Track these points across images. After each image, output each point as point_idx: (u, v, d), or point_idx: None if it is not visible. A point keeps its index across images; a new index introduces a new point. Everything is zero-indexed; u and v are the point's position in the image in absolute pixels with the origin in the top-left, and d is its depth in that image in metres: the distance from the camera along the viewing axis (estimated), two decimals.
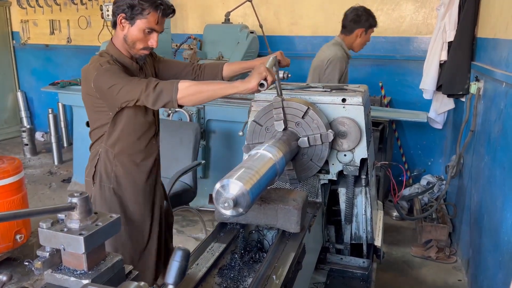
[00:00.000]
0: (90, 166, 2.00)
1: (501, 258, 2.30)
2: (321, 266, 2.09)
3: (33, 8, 6.28)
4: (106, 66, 1.76)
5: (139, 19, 1.78)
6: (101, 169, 1.95)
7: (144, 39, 1.82)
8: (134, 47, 1.84)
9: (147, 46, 1.84)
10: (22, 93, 6.70)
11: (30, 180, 4.91)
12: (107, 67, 1.76)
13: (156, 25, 1.81)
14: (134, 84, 1.72)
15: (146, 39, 1.82)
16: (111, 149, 1.93)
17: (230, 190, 1.21)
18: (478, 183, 2.91)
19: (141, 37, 1.81)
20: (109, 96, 1.77)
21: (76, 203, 0.90)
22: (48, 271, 0.92)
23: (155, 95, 1.69)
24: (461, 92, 3.41)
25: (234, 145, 3.85)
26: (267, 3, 4.90)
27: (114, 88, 1.73)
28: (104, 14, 4.04)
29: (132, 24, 1.79)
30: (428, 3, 4.30)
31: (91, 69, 1.79)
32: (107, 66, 1.76)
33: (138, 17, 1.78)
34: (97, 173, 1.96)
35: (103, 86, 1.75)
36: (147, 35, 1.81)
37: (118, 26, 1.84)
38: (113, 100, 1.78)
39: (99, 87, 1.76)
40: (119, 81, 1.73)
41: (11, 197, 3.00)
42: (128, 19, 1.79)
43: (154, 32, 1.82)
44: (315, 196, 1.99)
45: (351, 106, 1.86)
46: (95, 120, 1.93)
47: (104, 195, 1.96)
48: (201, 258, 1.49)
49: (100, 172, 1.95)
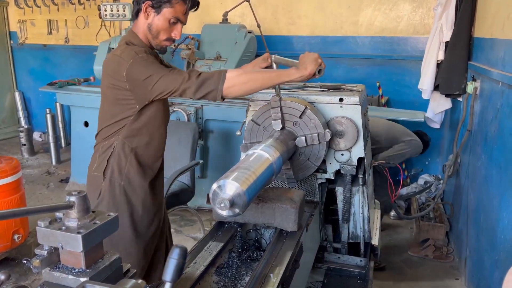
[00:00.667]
0: (100, 160, 1.87)
1: (498, 257, 2.31)
2: (319, 265, 2.10)
3: (31, 8, 6.28)
4: (143, 55, 1.69)
5: (166, 8, 1.73)
6: (113, 164, 1.84)
7: (169, 29, 1.77)
8: (158, 37, 1.78)
9: (170, 37, 1.80)
10: (20, 93, 6.70)
11: (28, 180, 4.91)
12: (143, 56, 1.68)
13: (183, 15, 1.77)
14: (175, 74, 1.66)
15: (170, 30, 1.78)
16: (128, 143, 1.83)
17: (227, 191, 1.21)
18: (475, 182, 2.92)
19: (166, 27, 1.76)
20: (142, 87, 1.68)
21: (74, 201, 0.91)
22: (46, 269, 0.92)
23: (198, 83, 1.63)
24: (458, 91, 3.42)
25: (232, 144, 3.85)
26: (265, 3, 4.91)
27: (151, 79, 1.66)
28: (102, 14, 4.04)
29: (158, 12, 1.74)
30: (425, 3, 4.32)
31: (125, 57, 1.69)
32: (144, 55, 1.69)
33: (166, 6, 1.73)
34: (109, 167, 1.85)
35: (139, 77, 1.67)
36: (171, 26, 1.77)
37: (142, 14, 1.77)
38: (146, 92, 1.70)
39: (133, 77, 1.68)
40: (158, 72, 1.66)
41: (9, 197, 3.00)
42: (155, 7, 1.73)
43: (179, 23, 1.78)
44: (312, 195, 2.00)
45: (348, 105, 1.87)
46: (115, 113, 1.82)
47: (113, 192, 1.86)
48: (199, 256, 1.50)
49: (112, 167, 1.85)
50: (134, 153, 1.85)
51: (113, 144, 1.85)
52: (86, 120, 4.33)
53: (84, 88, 4.44)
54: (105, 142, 1.88)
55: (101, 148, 1.89)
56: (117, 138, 1.84)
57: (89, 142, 4.35)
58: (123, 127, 1.82)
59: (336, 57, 4.74)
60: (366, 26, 4.58)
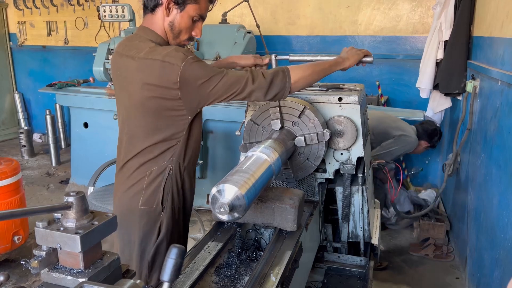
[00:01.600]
0: (151, 190, 1.62)
1: (498, 256, 2.31)
2: (319, 264, 2.10)
3: (30, 10, 6.28)
4: (193, 55, 1.49)
5: (190, 4, 1.56)
6: (172, 191, 1.64)
7: (191, 27, 1.61)
8: (179, 36, 1.61)
9: (191, 36, 1.64)
10: (20, 94, 6.70)
11: (28, 181, 4.91)
12: (194, 57, 1.49)
13: (206, 12, 1.64)
14: (234, 75, 1.51)
15: (191, 28, 1.62)
16: (182, 162, 1.64)
17: (226, 195, 1.21)
18: (474, 181, 2.92)
19: (189, 25, 1.60)
20: (197, 92, 1.49)
21: (72, 202, 0.91)
22: (44, 270, 0.92)
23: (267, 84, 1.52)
24: (457, 90, 3.42)
25: (232, 144, 3.85)
26: (264, 3, 4.91)
27: (210, 82, 1.48)
28: (101, 15, 4.04)
29: (182, 9, 1.56)
30: (424, 2, 4.32)
31: (172, 60, 1.46)
32: (194, 56, 1.49)
33: (190, 2, 1.56)
34: (167, 196, 1.62)
35: (195, 81, 1.47)
36: (193, 24, 1.62)
37: (162, 11, 1.57)
38: (201, 98, 1.51)
39: (189, 82, 1.47)
40: (217, 73, 1.49)
41: (9, 199, 3.00)
42: (179, 3, 1.55)
43: (201, 21, 1.63)
44: (312, 195, 1.99)
45: (348, 105, 1.87)
46: (161, 128, 1.58)
47: (175, 219, 1.67)
48: (198, 257, 1.50)
49: (172, 195, 1.64)
50: (187, 172, 1.67)
51: (166, 168, 1.61)
52: (86, 121, 4.34)
53: (84, 89, 4.44)
54: (154, 167, 1.61)
55: (149, 175, 1.62)
56: (171, 161, 1.61)
57: (89, 143, 4.39)
58: (175, 145, 1.60)
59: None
60: (365, 25, 4.58)
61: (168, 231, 1.65)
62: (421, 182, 4.58)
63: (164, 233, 1.64)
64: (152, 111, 1.55)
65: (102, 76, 4.10)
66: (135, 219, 1.64)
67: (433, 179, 4.57)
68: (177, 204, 1.67)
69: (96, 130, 4.27)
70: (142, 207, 1.62)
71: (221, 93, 1.51)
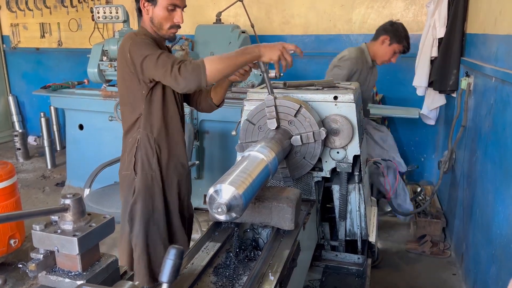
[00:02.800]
0: (129, 158, 1.95)
1: (494, 252, 2.32)
2: (316, 263, 2.11)
3: (23, 12, 6.24)
4: (142, 37, 1.81)
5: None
6: (142, 157, 1.92)
7: (169, 17, 1.86)
8: (162, 27, 1.87)
9: (174, 24, 1.88)
10: (14, 97, 6.66)
11: (23, 184, 4.88)
12: (142, 38, 1.80)
13: (178, 0, 1.85)
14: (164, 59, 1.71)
15: (171, 17, 1.86)
16: (150, 134, 1.91)
17: (223, 195, 1.21)
18: (470, 178, 2.94)
19: (166, 16, 1.85)
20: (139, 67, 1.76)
21: (69, 204, 0.90)
22: (42, 273, 0.92)
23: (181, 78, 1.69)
24: (452, 88, 3.44)
25: (228, 145, 3.85)
26: (258, 3, 4.91)
27: (146, 60, 1.74)
28: (95, 16, 4.02)
29: (155, 4, 1.84)
30: (418, 0, 4.34)
31: (126, 40, 1.82)
32: (142, 37, 1.80)
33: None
34: (138, 162, 1.92)
35: (137, 58, 1.76)
36: (171, 13, 1.85)
37: (143, 11, 1.89)
38: (141, 72, 1.78)
39: (133, 57, 1.77)
40: (150, 54, 1.73)
41: (4, 202, 2.98)
42: (150, 0, 1.84)
43: (177, 8, 1.86)
44: (309, 193, 2.00)
45: (343, 103, 1.88)
46: (127, 98, 1.92)
47: (147, 183, 1.93)
48: (196, 257, 1.50)
49: (142, 160, 1.92)
50: (157, 145, 1.92)
51: (136, 138, 1.92)
52: (81, 123, 4.32)
53: (78, 91, 4.42)
54: (129, 139, 1.95)
55: (127, 146, 1.96)
56: (139, 132, 1.91)
57: (84, 145, 4.38)
58: (139, 117, 1.89)
59: (330, 56, 4.72)
60: (360, 24, 4.59)
61: (140, 194, 1.93)
62: (417, 179, 4.60)
63: (136, 195, 1.93)
64: (121, 81, 1.90)
65: (96, 77, 4.08)
66: (121, 185, 2.02)
67: (428, 176, 4.59)
68: (149, 171, 1.92)
69: (91, 132, 4.26)
70: (123, 173, 1.98)
71: (152, 73, 1.76)
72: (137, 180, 1.93)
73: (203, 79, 1.70)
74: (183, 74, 1.68)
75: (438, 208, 3.73)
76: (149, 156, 1.92)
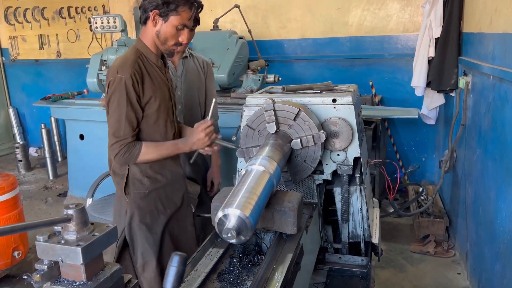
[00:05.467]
0: (117, 181, 2.02)
1: (498, 249, 2.32)
2: (320, 266, 2.10)
3: (21, 24, 6.28)
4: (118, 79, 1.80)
5: (172, 16, 1.82)
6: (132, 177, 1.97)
7: (176, 35, 1.87)
8: (166, 43, 1.88)
9: (178, 42, 1.90)
10: (14, 109, 6.68)
11: (26, 196, 4.89)
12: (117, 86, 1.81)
13: (188, 21, 1.86)
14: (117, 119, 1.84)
15: (177, 35, 1.88)
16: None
17: (231, 220, 1.23)
18: (471, 176, 2.94)
19: (173, 34, 1.86)
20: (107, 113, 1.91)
21: (72, 214, 0.91)
22: (47, 284, 0.92)
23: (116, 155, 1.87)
24: (450, 87, 3.45)
25: (228, 150, 3.85)
26: (255, 8, 4.94)
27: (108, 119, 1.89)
28: (93, 26, 4.04)
29: (166, 20, 1.84)
30: (414, 1, 4.36)
31: (112, 72, 1.84)
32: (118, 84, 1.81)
33: (172, 14, 1.82)
34: (129, 183, 1.97)
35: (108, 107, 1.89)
36: (179, 32, 1.87)
37: (150, 22, 1.86)
38: None
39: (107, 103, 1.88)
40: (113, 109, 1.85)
41: (7, 214, 2.98)
42: (162, 15, 1.83)
43: (186, 28, 1.88)
44: (310, 197, 2.00)
45: (342, 106, 1.88)
46: None
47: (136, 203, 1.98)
48: (200, 264, 1.50)
49: (132, 180, 1.97)
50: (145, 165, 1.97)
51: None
52: (82, 133, 4.33)
53: (78, 101, 4.44)
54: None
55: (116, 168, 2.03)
56: None
57: (85, 155, 4.38)
58: None
59: (327, 59, 4.76)
60: (356, 26, 4.61)
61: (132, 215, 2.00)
62: (418, 179, 4.60)
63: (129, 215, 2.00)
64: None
65: (96, 87, 4.10)
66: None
67: (430, 176, 4.58)
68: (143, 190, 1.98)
69: (92, 142, 4.26)
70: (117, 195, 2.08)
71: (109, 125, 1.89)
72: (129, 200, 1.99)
73: (131, 162, 1.92)
74: (117, 159, 1.89)
75: (440, 208, 3.72)
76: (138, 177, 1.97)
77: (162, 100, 1.94)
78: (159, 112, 1.93)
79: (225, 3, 4.51)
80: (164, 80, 1.98)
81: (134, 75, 1.82)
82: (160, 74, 1.95)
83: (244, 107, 2.02)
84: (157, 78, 1.93)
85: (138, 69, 1.85)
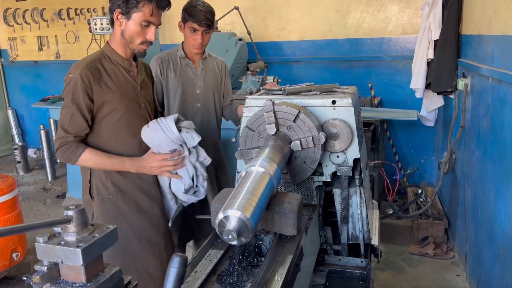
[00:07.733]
0: (84, 183, 1.99)
1: (497, 251, 2.32)
2: (320, 268, 2.10)
3: (20, 25, 6.28)
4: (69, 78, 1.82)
5: (134, 13, 1.80)
6: (96, 181, 1.95)
7: (142, 33, 1.84)
8: (133, 42, 1.86)
9: (146, 40, 1.87)
10: (13, 110, 6.67)
11: (24, 197, 4.88)
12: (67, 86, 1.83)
13: (152, 17, 1.82)
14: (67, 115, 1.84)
15: (143, 33, 1.84)
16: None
17: (232, 222, 1.23)
18: (470, 178, 2.94)
19: (138, 31, 1.83)
20: None
21: (72, 215, 0.91)
22: (46, 285, 0.92)
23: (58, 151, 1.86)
24: (449, 89, 3.46)
25: (228, 151, 3.85)
26: (254, 10, 4.94)
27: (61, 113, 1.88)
28: (92, 28, 4.05)
29: (129, 18, 1.82)
30: (413, 3, 4.37)
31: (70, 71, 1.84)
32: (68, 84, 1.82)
33: (134, 11, 1.80)
34: (93, 187, 1.96)
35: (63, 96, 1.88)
36: (144, 29, 1.83)
37: (115, 22, 1.86)
38: None
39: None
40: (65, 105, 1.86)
41: (5, 216, 2.98)
42: (124, 13, 1.81)
43: (151, 25, 1.84)
44: (310, 198, 2.00)
45: (341, 107, 1.88)
46: None
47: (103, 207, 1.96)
48: (200, 265, 1.49)
49: (96, 184, 1.95)
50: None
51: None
52: None
53: None
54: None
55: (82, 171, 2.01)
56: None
57: None
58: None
59: (327, 60, 4.77)
60: (355, 28, 4.62)
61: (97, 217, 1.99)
62: (417, 181, 4.61)
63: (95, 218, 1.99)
64: None
65: None
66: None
67: (429, 177, 4.59)
68: (106, 194, 1.96)
69: None
70: (84, 196, 2.01)
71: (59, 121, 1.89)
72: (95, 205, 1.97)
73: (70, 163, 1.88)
74: (57, 154, 1.88)
75: (439, 210, 3.73)
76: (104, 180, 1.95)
77: (123, 101, 1.90)
78: (118, 113, 1.90)
79: (224, 5, 4.51)
80: (130, 80, 1.95)
81: (86, 76, 1.80)
82: (125, 75, 1.93)
83: (243, 108, 2.02)
84: (119, 79, 1.90)
85: (93, 70, 1.82)
